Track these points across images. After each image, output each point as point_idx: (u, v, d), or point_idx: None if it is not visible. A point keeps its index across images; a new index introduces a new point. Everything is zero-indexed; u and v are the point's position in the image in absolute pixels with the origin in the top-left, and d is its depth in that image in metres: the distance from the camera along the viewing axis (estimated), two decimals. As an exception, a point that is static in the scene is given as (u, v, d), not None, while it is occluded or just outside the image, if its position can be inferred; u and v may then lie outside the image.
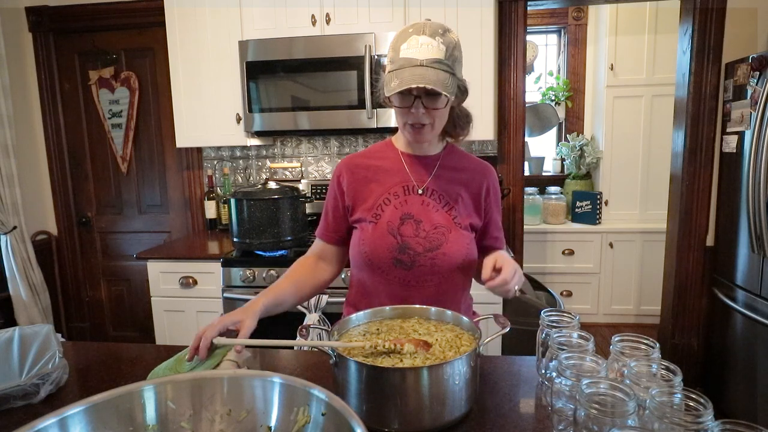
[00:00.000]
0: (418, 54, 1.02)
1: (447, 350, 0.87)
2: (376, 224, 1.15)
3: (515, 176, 2.76)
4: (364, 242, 1.16)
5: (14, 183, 2.74)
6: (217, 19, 2.50)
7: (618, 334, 0.86)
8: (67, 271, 3.19)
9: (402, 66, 1.02)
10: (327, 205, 1.26)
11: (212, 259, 2.33)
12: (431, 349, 0.87)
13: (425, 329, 0.96)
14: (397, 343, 0.87)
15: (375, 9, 2.40)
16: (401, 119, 1.11)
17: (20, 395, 0.94)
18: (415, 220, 1.14)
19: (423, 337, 0.92)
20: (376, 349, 0.86)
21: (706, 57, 2.44)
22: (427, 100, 1.06)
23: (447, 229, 1.14)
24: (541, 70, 4.16)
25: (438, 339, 0.91)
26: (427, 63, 1.01)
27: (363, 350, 0.86)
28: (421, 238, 1.13)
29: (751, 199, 2.06)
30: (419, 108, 1.06)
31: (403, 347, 0.86)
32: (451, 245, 1.13)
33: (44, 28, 2.95)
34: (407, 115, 1.08)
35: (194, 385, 0.70)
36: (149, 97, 3.01)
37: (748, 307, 2.17)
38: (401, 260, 1.13)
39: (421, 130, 1.10)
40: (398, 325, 0.99)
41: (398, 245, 1.13)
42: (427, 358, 0.85)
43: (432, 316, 1.02)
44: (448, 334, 0.94)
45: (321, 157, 2.95)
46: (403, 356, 0.85)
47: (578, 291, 3.62)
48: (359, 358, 0.84)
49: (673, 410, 0.65)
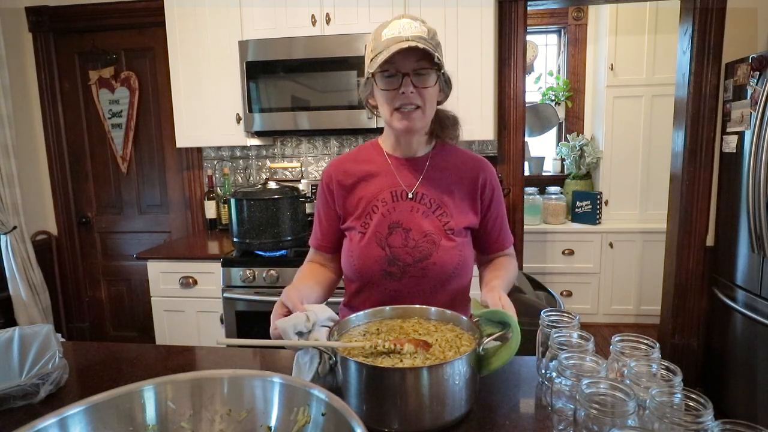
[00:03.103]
0: (402, 32, 0.99)
1: (447, 350, 0.87)
2: (364, 235, 1.12)
3: (515, 176, 2.76)
4: (352, 254, 1.13)
5: (14, 183, 2.74)
6: (217, 19, 2.50)
7: (618, 334, 0.86)
8: (67, 271, 3.19)
9: (386, 46, 0.99)
10: (319, 212, 1.21)
11: (212, 259, 2.33)
12: (431, 350, 0.87)
13: (425, 329, 0.95)
14: (397, 343, 0.86)
15: (375, 9, 2.40)
16: (388, 106, 1.04)
17: (20, 395, 0.94)
18: (403, 229, 1.11)
19: (423, 337, 0.92)
20: (376, 349, 0.85)
21: (706, 57, 2.44)
22: (416, 79, 1.01)
23: (437, 236, 1.10)
24: (541, 70, 4.16)
25: (438, 339, 0.91)
26: (412, 38, 0.98)
27: (363, 350, 0.85)
28: (410, 248, 1.10)
29: (751, 199, 2.06)
30: (408, 86, 1.01)
31: (403, 347, 0.85)
32: (441, 254, 1.10)
33: (44, 28, 2.95)
34: (395, 97, 1.02)
35: (194, 385, 0.70)
36: (149, 97, 3.01)
37: (748, 307, 2.17)
38: (391, 272, 1.11)
39: (412, 114, 1.04)
40: (398, 325, 0.98)
41: (387, 257, 1.10)
42: (427, 358, 0.84)
43: (432, 316, 1.01)
44: (448, 334, 0.93)
45: (321, 157, 2.95)
46: (403, 356, 0.85)
47: (578, 291, 3.62)
48: (359, 358, 0.84)
49: (673, 410, 0.65)
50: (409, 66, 1.01)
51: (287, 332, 0.85)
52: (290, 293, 0.94)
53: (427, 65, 1.02)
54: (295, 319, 0.87)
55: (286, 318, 0.88)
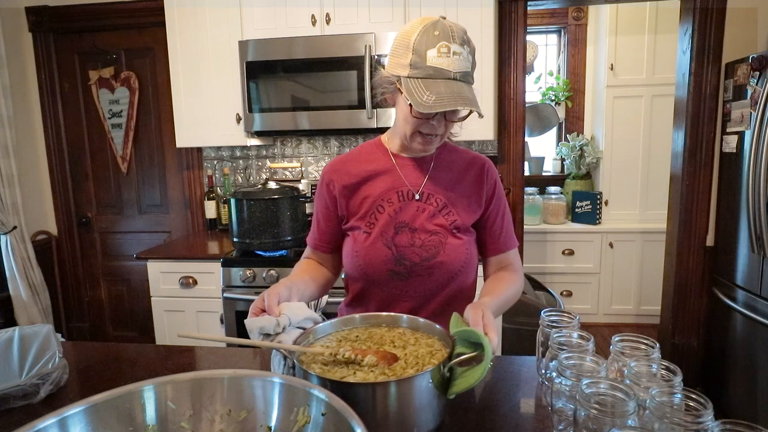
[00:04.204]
0: (450, 65, 0.95)
1: (411, 367, 0.80)
2: (369, 234, 1.11)
3: (515, 176, 2.76)
4: (357, 254, 1.12)
5: (14, 183, 2.74)
6: (217, 19, 2.50)
7: (618, 334, 0.86)
8: (67, 271, 3.19)
9: (432, 76, 0.96)
10: (317, 213, 1.20)
11: (212, 259, 2.33)
12: (395, 364, 0.81)
13: (404, 341, 0.89)
14: (359, 353, 0.81)
15: (375, 9, 2.40)
16: (413, 127, 1.04)
17: (20, 395, 0.94)
18: (410, 229, 1.10)
19: (397, 349, 0.86)
20: (336, 358, 0.81)
21: (706, 57, 2.44)
22: (449, 114, 1.02)
23: (444, 235, 1.10)
24: (541, 70, 4.16)
25: (408, 354, 0.84)
26: (460, 77, 0.96)
27: (323, 357, 0.81)
28: (417, 247, 1.09)
29: (751, 199, 2.06)
30: (441, 122, 1.03)
31: (364, 358, 0.80)
32: (448, 253, 1.10)
33: (44, 28, 2.95)
34: (424, 125, 1.03)
35: (194, 385, 0.70)
36: (149, 97, 3.01)
37: (748, 307, 2.17)
38: (397, 272, 1.10)
39: (433, 140, 1.07)
40: (381, 333, 0.93)
41: (394, 257, 1.10)
42: (383, 374, 0.78)
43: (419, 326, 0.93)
44: (422, 349, 0.85)
45: (321, 157, 2.95)
46: (361, 368, 0.79)
47: (578, 291, 3.62)
48: (311, 366, 0.80)
49: (673, 410, 0.65)
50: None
51: (253, 333, 0.84)
52: (272, 294, 0.91)
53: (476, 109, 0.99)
54: (264, 321, 0.85)
55: (256, 319, 0.86)
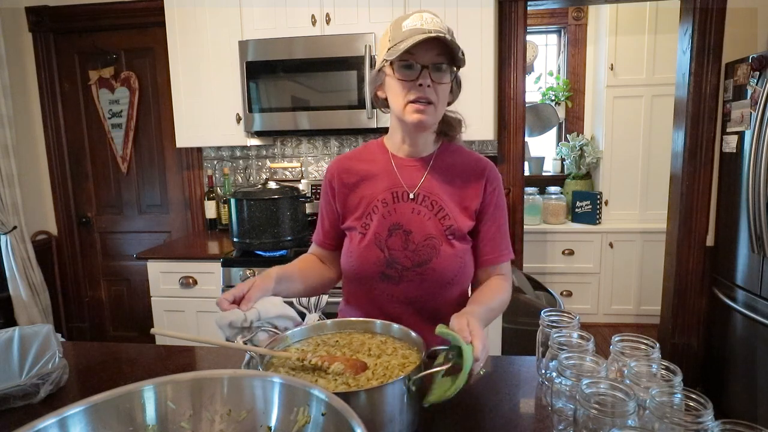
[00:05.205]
0: (425, 24, 0.97)
1: (377, 378, 0.78)
2: (363, 236, 1.11)
3: (515, 176, 2.76)
4: (351, 255, 1.12)
5: (14, 183, 2.74)
6: (217, 19, 2.50)
7: (618, 334, 0.86)
8: (67, 271, 3.19)
9: (409, 36, 0.97)
10: (322, 210, 1.21)
11: (212, 259, 2.33)
12: (361, 375, 0.79)
13: (381, 350, 0.87)
14: (326, 360, 0.80)
15: (375, 9, 2.40)
16: (403, 98, 1.02)
17: (20, 395, 0.94)
18: (404, 231, 1.08)
19: (370, 358, 0.84)
20: (303, 363, 0.80)
21: (706, 57, 2.44)
22: (434, 74, 1.00)
23: (438, 241, 1.08)
24: (541, 70, 4.16)
25: (379, 363, 0.81)
26: (435, 31, 0.96)
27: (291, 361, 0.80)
28: (410, 251, 1.08)
29: (751, 199, 2.06)
30: (426, 78, 0.99)
31: (330, 366, 0.78)
32: (441, 260, 1.07)
33: (44, 28, 2.95)
34: (411, 89, 1.00)
35: (194, 385, 0.70)
36: (149, 97, 3.01)
37: (748, 307, 2.17)
38: (388, 275, 1.09)
39: (426, 108, 1.01)
40: (363, 339, 0.91)
41: (385, 259, 1.09)
42: (344, 384, 0.77)
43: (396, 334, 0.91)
44: (395, 360, 0.83)
45: (321, 157, 2.95)
46: (324, 376, 0.78)
47: (578, 291, 3.62)
48: (281, 369, 0.79)
49: (673, 410, 0.65)
50: (429, 59, 0.99)
51: (224, 329, 0.85)
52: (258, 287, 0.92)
53: (445, 60, 1.01)
54: (233, 316, 0.86)
55: (224, 314, 0.87)
